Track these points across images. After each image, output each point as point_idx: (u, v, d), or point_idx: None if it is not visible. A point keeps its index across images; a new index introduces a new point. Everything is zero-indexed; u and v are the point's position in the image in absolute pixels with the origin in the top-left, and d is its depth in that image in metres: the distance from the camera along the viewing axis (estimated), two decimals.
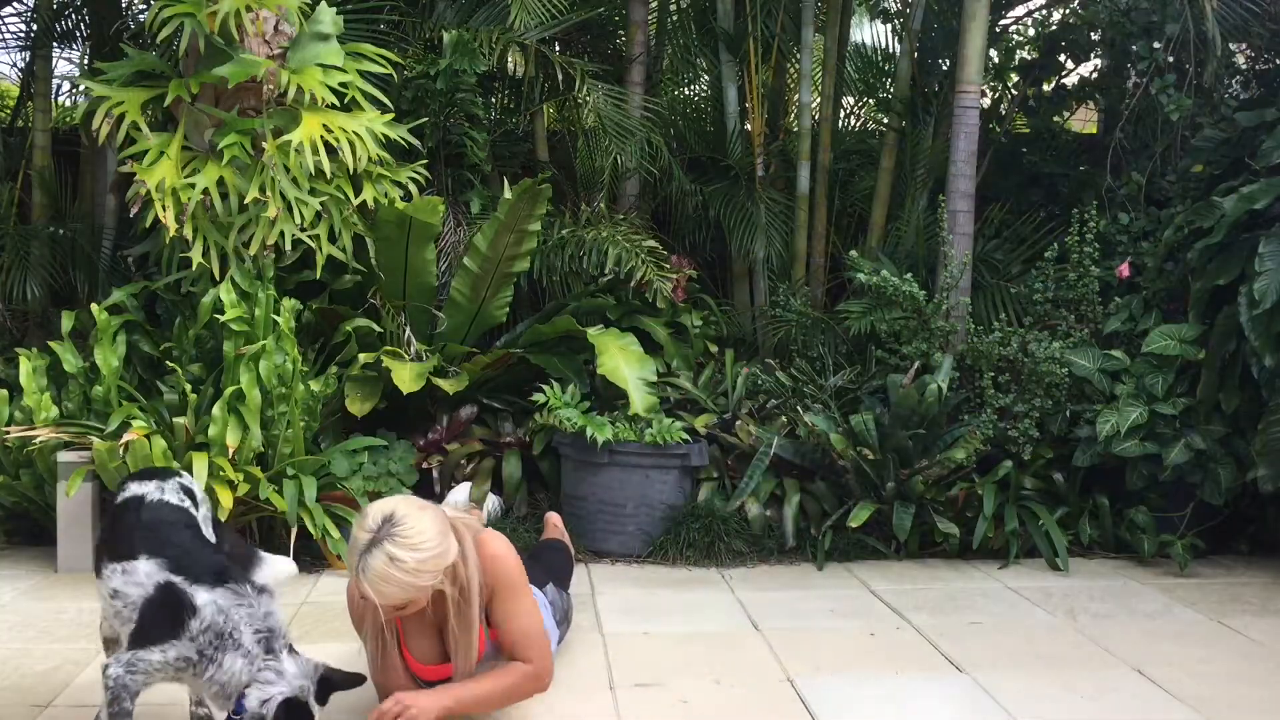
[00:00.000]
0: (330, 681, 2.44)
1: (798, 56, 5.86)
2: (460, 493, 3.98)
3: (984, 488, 4.44)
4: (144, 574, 2.40)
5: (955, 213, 4.92)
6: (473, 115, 4.98)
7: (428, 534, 2.42)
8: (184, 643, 2.34)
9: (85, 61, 5.73)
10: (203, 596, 2.37)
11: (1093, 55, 5.63)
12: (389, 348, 4.41)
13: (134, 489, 2.58)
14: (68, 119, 6.38)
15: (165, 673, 2.38)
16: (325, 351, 4.49)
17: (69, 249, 5.19)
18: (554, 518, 3.92)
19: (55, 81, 5.80)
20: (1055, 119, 5.85)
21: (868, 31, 6.48)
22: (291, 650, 2.41)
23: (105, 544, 2.51)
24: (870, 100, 6.48)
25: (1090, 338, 4.77)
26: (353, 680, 2.48)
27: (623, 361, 4.57)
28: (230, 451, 3.86)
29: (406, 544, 2.39)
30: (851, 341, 5.08)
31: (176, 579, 2.38)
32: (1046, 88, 5.78)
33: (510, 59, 5.06)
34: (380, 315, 4.51)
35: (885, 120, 5.85)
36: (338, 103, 4.28)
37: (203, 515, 2.67)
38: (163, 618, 2.36)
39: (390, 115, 4.46)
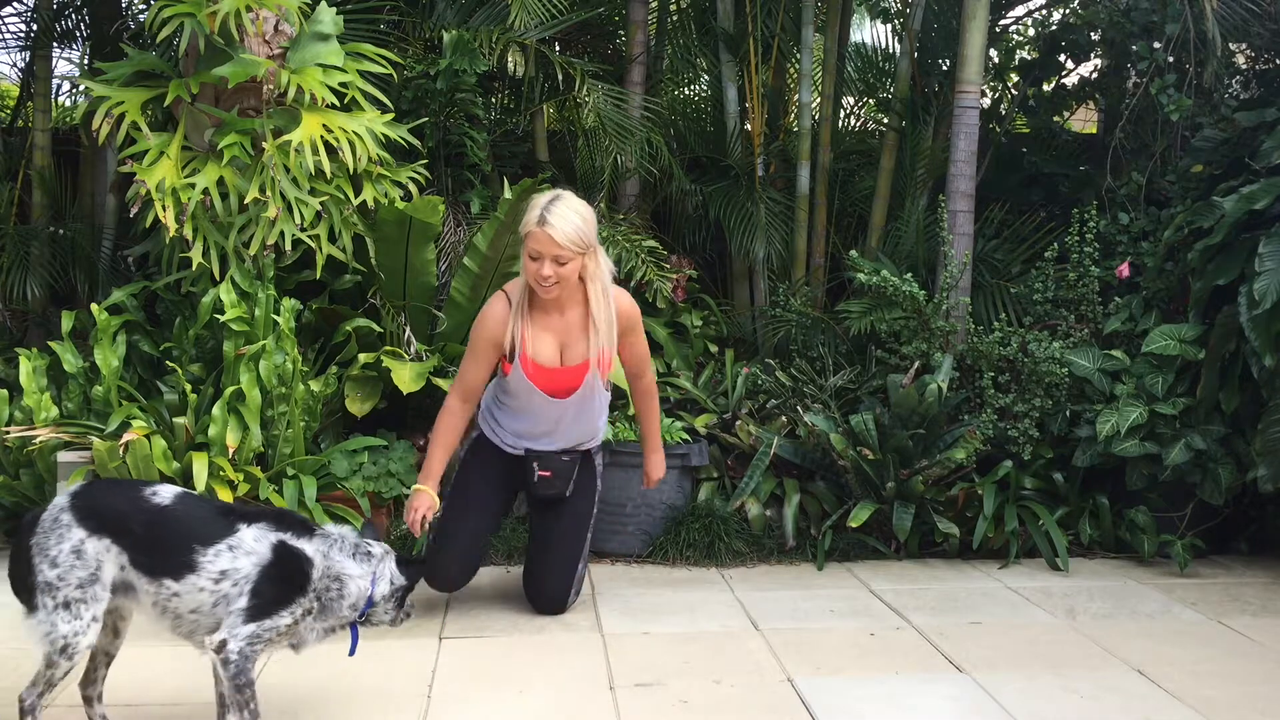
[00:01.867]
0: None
1: (798, 56, 5.86)
2: None
3: (984, 488, 4.44)
4: (252, 539, 2.48)
5: (955, 213, 4.93)
6: (473, 115, 4.97)
7: (587, 205, 3.37)
8: (309, 596, 2.52)
9: (85, 61, 5.73)
10: (310, 547, 2.54)
11: (1093, 55, 5.63)
12: (389, 348, 4.41)
13: (169, 487, 2.56)
14: (68, 119, 6.38)
15: (289, 635, 2.53)
16: (325, 351, 4.48)
17: (69, 249, 5.19)
18: None
19: (55, 81, 5.81)
20: (1055, 119, 5.85)
21: (868, 31, 6.48)
22: (369, 554, 2.64)
23: (185, 540, 2.45)
24: (870, 100, 6.48)
25: (1090, 338, 4.77)
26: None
27: None
28: (230, 451, 3.86)
29: (578, 202, 3.33)
30: (851, 341, 5.08)
31: (286, 535, 2.52)
32: (1046, 88, 5.78)
33: (510, 59, 5.05)
34: (380, 315, 4.51)
35: (885, 120, 5.86)
36: (338, 103, 4.28)
37: None
38: (287, 578, 2.49)
39: (390, 115, 4.46)
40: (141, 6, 5.60)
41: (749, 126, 5.73)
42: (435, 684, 3.05)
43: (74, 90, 6.38)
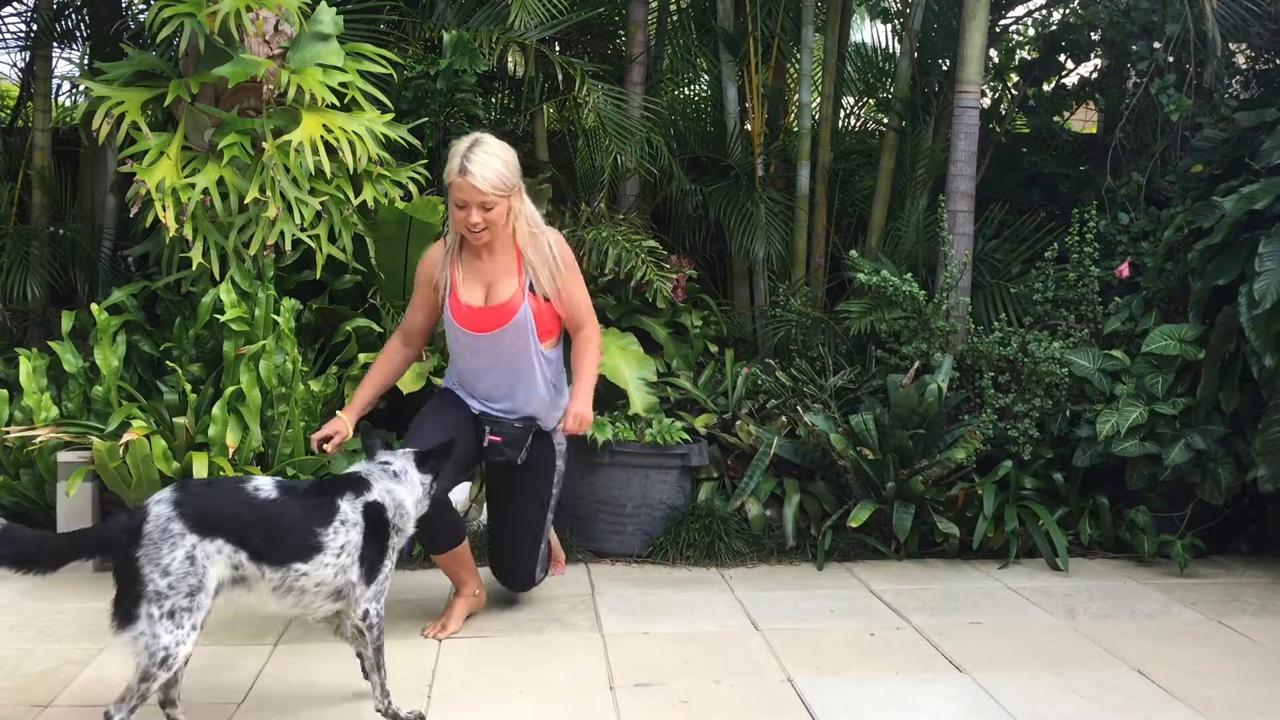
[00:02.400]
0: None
1: (798, 56, 5.86)
2: (460, 492, 3.98)
3: (984, 488, 4.44)
4: (351, 511, 2.77)
5: (955, 213, 4.92)
6: (473, 115, 4.97)
7: (507, 147, 3.33)
8: (393, 535, 2.85)
9: (85, 61, 5.72)
10: (377, 495, 2.83)
11: (1093, 55, 5.63)
12: None
13: (263, 480, 2.75)
14: (68, 119, 6.38)
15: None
16: (325, 351, 4.48)
17: (69, 249, 5.19)
18: None
19: (55, 81, 5.81)
20: (1055, 119, 5.85)
21: (868, 31, 6.48)
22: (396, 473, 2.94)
23: (305, 526, 2.67)
24: (870, 100, 6.48)
25: (1090, 338, 4.77)
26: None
27: (623, 361, 4.57)
28: (230, 451, 3.86)
29: (497, 145, 3.31)
30: (851, 341, 5.08)
31: (370, 498, 2.82)
32: (1046, 88, 5.78)
33: (510, 59, 5.04)
34: (380, 315, 4.51)
35: (885, 120, 5.85)
36: (338, 103, 4.28)
37: None
38: (379, 534, 2.81)
39: (390, 115, 4.46)
40: (141, 6, 5.60)
41: (749, 126, 5.72)
42: (435, 684, 3.06)
43: (74, 90, 6.38)
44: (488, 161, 3.24)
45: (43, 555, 2.49)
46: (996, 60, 5.85)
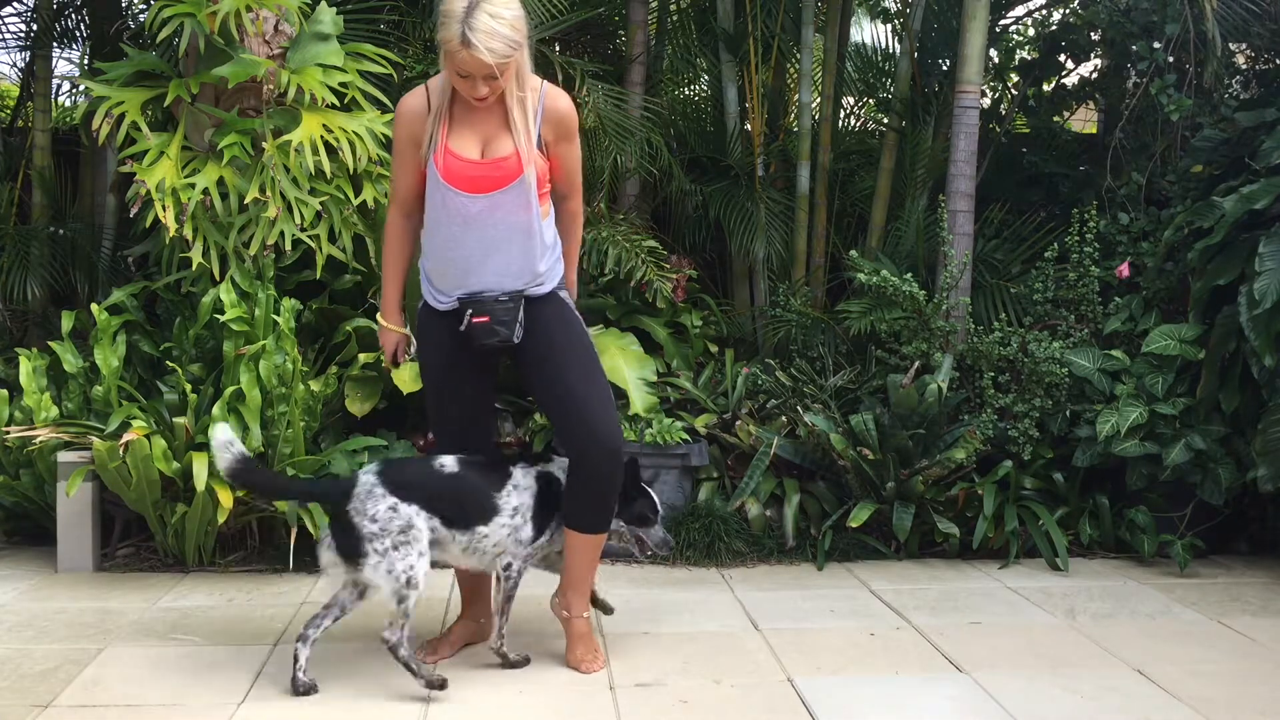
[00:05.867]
0: None
1: (798, 56, 5.86)
2: None
3: (984, 488, 4.44)
4: (523, 477, 3.10)
5: (955, 213, 4.93)
6: None
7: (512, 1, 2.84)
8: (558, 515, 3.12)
9: (85, 61, 5.73)
10: (555, 471, 3.15)
11: (1093, 55, 5.64)
12: None
13: (447, 457, 3.10)
14: (68, 119, 6.38)
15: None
16: (325, 351, 4.48)
17: (69, 249, 5.19)
18: None
19: (55, 81, 5.81)
20: (1055, 119, 5.85)
21: (868, 31, 6.48)
22: None
23: (483, 492, 3.04)
24: (870, 100, 6.48)
25: (1090, 338, 4.77)
26: None
27: (623, 361, 4.57)
28: None
29: (501, 3, 2.79)
30: (851, 341, 5.08)
31: (544, 468, 3.14)
32: (1046, 88, 5.78)
33: None
34: None
35: (885, 120, 5.85)
36: (338, 103, 4.28)
37: None
38: (549, 502, 3.11)
39: (390, 115, 4.45)
40: (141, 6, 5.60)
41: (749, 126, 5.73)
42: None
43: (74, 90, 6.38)
44: (493, 29, 2.74)
45: (274, 489, 3.36)
46: (996, 60, 5.85)
